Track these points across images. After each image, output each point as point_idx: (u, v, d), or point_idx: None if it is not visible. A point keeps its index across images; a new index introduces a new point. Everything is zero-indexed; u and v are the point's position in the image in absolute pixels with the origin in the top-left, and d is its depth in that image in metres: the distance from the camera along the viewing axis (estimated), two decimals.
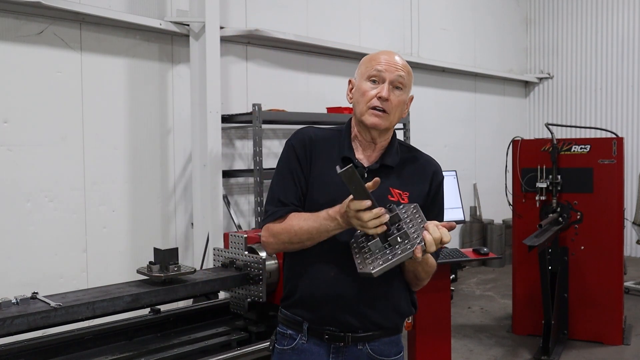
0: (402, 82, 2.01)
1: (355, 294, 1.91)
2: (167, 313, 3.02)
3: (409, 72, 2.04)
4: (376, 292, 1.93)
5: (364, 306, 1.93)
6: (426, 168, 2.08)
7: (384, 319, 1.97)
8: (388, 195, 1.95)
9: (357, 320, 1.93)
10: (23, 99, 4.17)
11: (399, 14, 7.40)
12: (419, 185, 2.02)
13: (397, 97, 2.01)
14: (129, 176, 4.78)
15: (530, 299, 5.25)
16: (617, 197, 5.11)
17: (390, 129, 2.05)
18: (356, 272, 1.78)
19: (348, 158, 1.99)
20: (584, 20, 9.33)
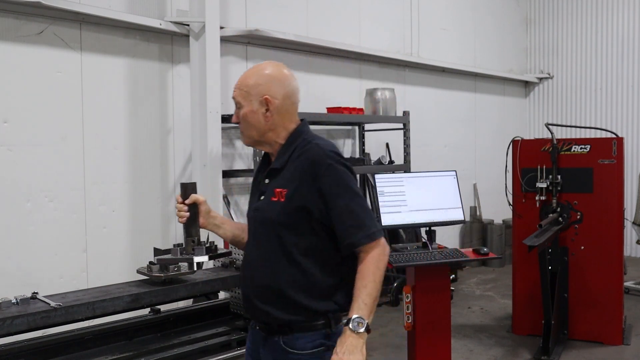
0: (236, 101, 2.17)
1: (253, 291, 2.14)
2: (167, 313, 3.02)
3: (242, 87, 2.16)
4: (273, 289, 2.08)
5: (265, 303, 2.10)
6: (307, 161, 2.10)
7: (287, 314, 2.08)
8: (271, 197, 2.11)
9: (262, 314, 2.13)
10: (23, 99, 4.17)
11: (399, 14, 7.40)
12: (299, 180, 2.07)
13: (239, 115, 2.17)
14: (129, 176, 4.78)
15: (530, 299, 5.25)
16: (617, 197, 5.11)
17: (262, 141, 2.18)
18: (254, 271, 2.14)
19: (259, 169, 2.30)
20: (584, 20, 9.33)
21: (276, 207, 2.08)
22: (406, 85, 7.51)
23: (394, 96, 6.40)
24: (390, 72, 7.32)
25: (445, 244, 5.38)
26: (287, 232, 2.07)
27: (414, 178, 4.16)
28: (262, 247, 2.13)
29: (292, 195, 2.06)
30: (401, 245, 4.19)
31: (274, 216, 2.08)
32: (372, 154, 6.92)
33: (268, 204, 2.11)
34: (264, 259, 2.11)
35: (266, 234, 2.11)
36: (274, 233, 2.09)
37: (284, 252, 2.07)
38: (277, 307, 2.09)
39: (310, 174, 2.06)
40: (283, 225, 2.07)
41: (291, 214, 2.06)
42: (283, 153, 2.14)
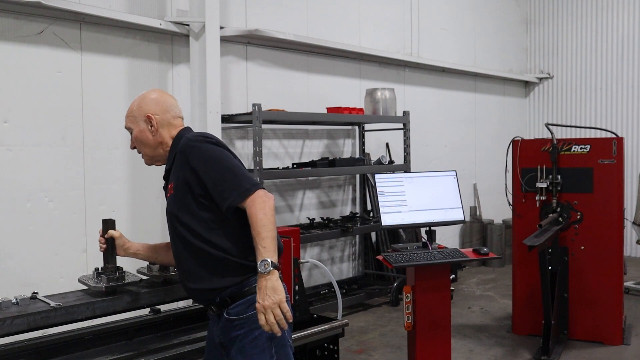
0: (127, 126, 2.51)
1: (182, 277, 2.42)
2: (167, 313, 3.02)
3: (129, 113, 2.49)
4: (192, 270, 2.35)
5: (192, 283, 2.37)
6: (179, 152, 2.37)
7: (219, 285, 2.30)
8: (167, 194, 2.43)
9: (197, 295, 2.42)
10: (23, 99, 4.17)
11: (399, 14, 7.40)
12: (178, 169, 2.36)
13: (133, 139, 2.51)
14: (129, 176, 4.78)
15: (530, 299, 5.25)
16: (617, 197, 5.11)
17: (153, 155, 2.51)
18: (178, 262, 2.42)
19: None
20: (584, 20, 9.33)
21: (171, 200, 2.38)
22: (406, 85, 7.51)
23: (394, 96, 6.40)
24: (390, 72, 7.32)
25: (445, 244, 5.38)
26: (185, 217, 2.31)
27: (414, 178, 4.16)
28: (175, 239, 2.39)
29: (176, 184, 2.35)
30: (401, 245, 4.18)
31: (171, 208, 2.38)
32: (372, 154, 6.92)
33: (167, 200, 2.43)
34: (178, 248, 2.37)
35: (172, 227, 2.38)
36: (176, 223, 2.35)
37: (190, 235, 2.31)
38: (206, 282, 2.31)
39: (183, 160, 2.32)
40: (181, 212, 2.33)
41: (181, 201, 2.33)
42: (169, 156, 2.45)
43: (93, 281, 2.66)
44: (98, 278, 2.67)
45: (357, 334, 5.34)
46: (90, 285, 2.64)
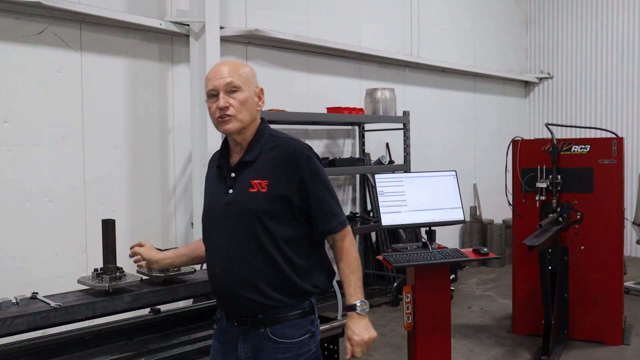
0: (235, 85, 2.19)
1: (237, 284, 2.16)
2: (167, 313, 3.02)
3: (240, 73, 2.22)
4: (254, 279, 2.15)
5: (248, 292, 2.15)
6: (286, 152, 2.21)
7: (275, 301, 2.16)
8: (248, 188, 2.18)
9: (248, 307, 2.17)
10: (23, 99, 4.17)
11: (399, 14, 7.40)
12: (280, 170, 2.18)
13: (236, 99, 2.19)
14: (129, 176, 4.78)
15: (530, 299, 5.25)
16: (617, 197, 5.11)
17: (247, 127, 2.22)
18: (233, 264, 2.16)
19: (219, 166, 2.32)
20: (584, 20, 9.33)
21: (257, 197, 2.16)
22: (406, 85, 7.51)
23: (394, 96, 6.40)
24: (390, 72, 7.32)
25: (445, 244, 5.38)
26: (270, 221, 2.15)
27: (414, 178, 4.16)
28: (241, 239, 2.17)
29: (274, 185, 2.15)
30: (401, 245, 4.18)
31: (255, 206, 2.15)
32: (372, 154, 6.92)
33: (245, 195, 2.17)
34: (245, 250, 2.16)
35: (245, 225, 2.16)
36: (255, 223, 2.15)
37: (266, 240, 2.14)
38: (263, 295, 2.14)
39: (291, 165, 2.17)
40: (267, 214, 2.14)
41: (273, 203, 2.15)
42: (254, 147, 2.23)
43: (94, 282, 2.66)
44: (98, 278, 2.67)
45: None
46: (93, 285, 2.64)
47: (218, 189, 2.27)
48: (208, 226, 2.29)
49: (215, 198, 2.27)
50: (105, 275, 2.65)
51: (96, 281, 2.65)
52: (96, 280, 2.66)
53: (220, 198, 2.24)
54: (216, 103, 2.19)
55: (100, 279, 2.65)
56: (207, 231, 2.30)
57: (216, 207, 2.25)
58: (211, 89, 2.20)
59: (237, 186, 2.20)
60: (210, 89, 2.21)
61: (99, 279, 2.65)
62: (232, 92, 2.18)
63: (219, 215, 2.23)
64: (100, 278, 2.65)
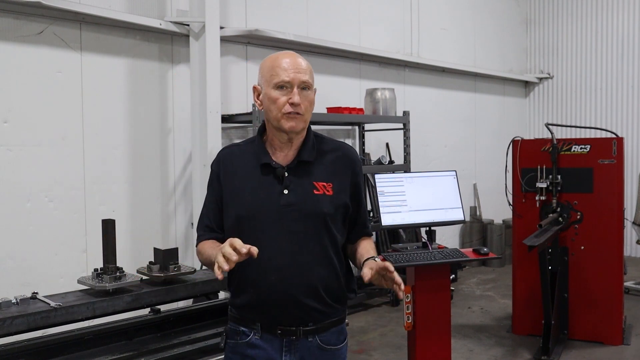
0: (309, 83, 2.06)
1: (300, 292, 2.02)
2: (167, 313, 3.02)
3: (311, 71, 2.09)
4: (317, 285, 2.04)
5: (309, 300, 2.03)
6: (345, 157, 2.16)
7: (330, 308, 2.09)
8: (313, 190, 2.05)
9: (306, 315, 2.05)
10: (23, 99, 4.17)
11: (399, 14, 7.40)
12: (341, 174, 2.12)
13: (307, 98, 2.05)
14: (129, 176, 4.78)
15: (530, 299, 5.25)
16: (617, 197, 5.11)
17: (306, 125, 2.10)
18: (294, 271, 2.01)
19: (267, 164, 2.07)
20: (584, 20, 9.33)
21: (324, 200, 2.06)
22: (406, 85, 7.51)
23: (394, 96, 6.40)
24: (390, 72, 7.32)
25: (445, 244, 5.38)
26: (333, 225, 2.07)
27: (414, 178, 4.16)
28: (306, 243, 2.03)
29: (338, 188, 2.09)
30: (401, 245, 4.18)
31: (325, 209, 2.05)
32: (372, 154, 6.92)
33: (311, 197, 2.05)
34: (310, 255, 2.04)
35: (312, 229, 2.04)
36: (321, 227, 2.05)
37: (329, 245, 2.07)
38: (322, 303, 2.07)
39: (350, 170, 2.14)
40: (331, 218, 2.06)
41: (337, 206, 2.08)
42: (309, 146, 2.11)
43: (94, 282, 2.66)
44: (98, 278, 2.67)
45: (357, 334, 5.34)
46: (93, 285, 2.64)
47: (264, 189, 2.06)
48: (255, 230, 2.04)
49: (262, 199, 2.05)
50: (105, 275, 2.65)
51: (96, 281, 2.65)
52: (96, 280, 2.66)
53: (271, 199, 2.04)
54: (287, 96, 2.01)
55: (100, 279, 2.65)
56: (252, 235, 2.00)
57: (268, 209, 2.04)
58: (287, 81, 2.02)
59: (297, 187, 2.05)
60: (286, 80, 2.02)
61: (99, 279, 2.66)
62: (303, 90, 2.04)
63: (273, 218, 2.04)
64: (100, 278, 2.65)
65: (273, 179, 2.06)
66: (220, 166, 2.16)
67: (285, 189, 2.04)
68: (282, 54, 2.08)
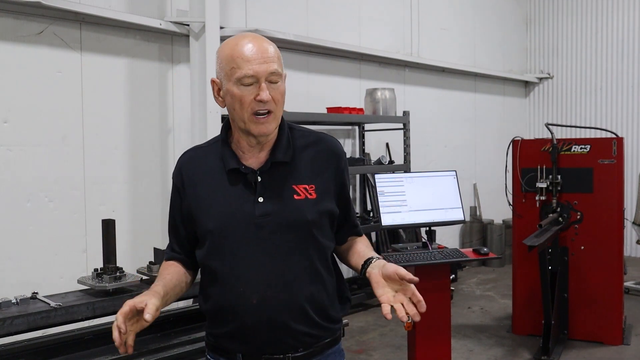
0: (278, 73, 1.72)
1: (286, 315, 1.74)
2: (167, 313, 3.02)
3: (279, 56, 1.75)
4: (305, 306, 1.77)
5: (298, 324, 1.76)
6: (327, 150, 1.84)
7: (322, 330, 1.83)
8: (293, 195, 1.75)
9: (294, 340, 1.77)
10: (23, 99, 4.17)
11: (399, 14, 7.40)
12: (324, 172, 1.81)
13: (277, 90, 1.72)
14: (129, 176, 4.78)
15: (530, 299, 5.25)
16: (617, 197, 5.11)
17: (278, 121, 1.77)
18: (279, 291, 1.72)
19: (235, 169, 1.77)
20: (584, 20, 9.33)
21: (307, 205, 1.76)
22: (406, 85, 7.51)
23: (394, 96, 6.40)
24: (390, 72, 7.32)
25: (445, 244, 5.38)
26: (319, 233, 1.78)
27: (414, 178, 4.16)
28: (290, 258, 1.75)
29: (323, 190, 1.79)
30: (401, 245, 4.19)
31: (308, 216, 1.75)
32: (372, 154, 6.92)
33: (291, 203, 1.75)
34: (296, 271, 1.75)
35: (295, 241, 1.75)
36: (306, 237, 1.76)
37: (316, 257, 1.79)
38: (313, 325, 1.79)
39: (334, 165, 1.84)
40: (317, 226, 1.78)
41: (323, 213, 1.79)
42: (283, 143, 1.79)
43: (94, 282, 2.66)
44: (98, 278, 2.67)
45: (357, 334, 5.35)
46: (93, 285, 2.64)
47: (235, 199, 1.76)
48: (228, 247, 1.75)
49: (234, 210, 1.75)
50: (105, 275, 2.65)
51: (96, 281, 2.65)
52: (96, 280, 2.66)
53: (244, 210, 1.74)
54: (254, 93, 1.68)
55: (100, 279, 2.65)
56: (226, 253, 1.76)
57: (241, 222, 1.74)
58: (251, 75, 1.67)
59: (273, 193, 1.75)
60: (250, 74, 1.67)
61: (99, 279, 2.65)
62: (272, 83, 1.71)
63: (248, 232, 1.74)
64: (100, 278, 2.65)
65: (244, 186, 1.76)
66: (181, 177, 1.88)
67: (260, 197, 1.74)
68: (242, 39, 1.72)
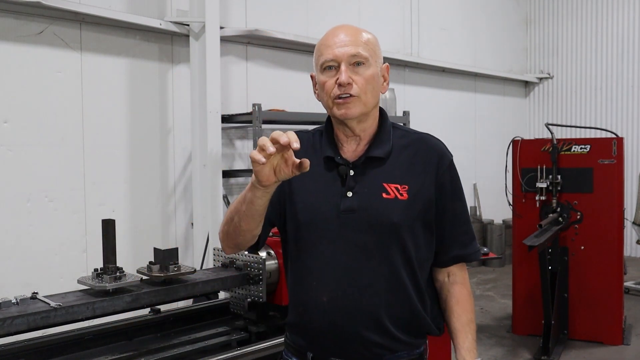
0: (361, 56, 1.68)
1: (356, 320, 1.65)
2: (167, 313, 3.02)
3: (367, 41, 1.72)
4: (379, 314, 1.65)
5: (369, 331, 1.65)
6: (429, 150, 1.74)
7: (398, 343, 1.69)
8: (382, 193, 1.66)
9: (363, 349, 1.66)
10: (23, 99, 4.17)
11: (399, 14, 7.40)
12: (422, 174, 1.70)
13: (362, 75, 1.68)
14: (129, 176, 4.78)
15: (530, 299, 5.25)
16: (617, 197, 5.11)
17: (369, 114, 1.72)
18: (354, 293, 1.64)
19: (330, 157, 1.72)
20: (584, 20, 9.33)
21: (396, 206, 1.65)
22: (406, 85, 7.51)
23: (394, 96, 6.40)
24: (390, 72, 7.28)
25: None
26: (409, 238, 1.66)
27: None
28: (369, 260, 1.65)
29: (416, 191, 1.67)
30: None
31: (395, 218, 1.64)
32: None
33: (379, 201, 1.65)
34: (373, 275, 1.65)
35: (377, 242, 1.65)
36: (391, 240, 1.65)
37: (401, 263, 1.66)
38: (388, 336, 1.67)
39: (433, 167, 1.71)
40: (407, 229, 1.66)
41: (415, 214, 1.67)
42: (382, 139, 1.72)
43: (94, 282, 2.66)
44: (98, 278, 2.67)
45: None
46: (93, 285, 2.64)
47: (324, 190, 1.69)
48: (309, 239, 1.68)
49: (321, 202, 1.68)
50: (105, 275, 2.65)
51: (96, 281, 2.65)
52: (96, 280, 2.66)
53: (330, 203, 1.67)
54: (335, 77, 1.66)
55: (100, 279, 2.65)
56: (306, 246, 1.68)
57: (325, 214, 1.67)
58: (331, 59, 1.66)
59: (362, 189, 1.66)
60: (330, 58, 1.66)
61: (99, 279, 2.65)
62: (356, 66, 1.67)
63: (330, 225, 1.66)
64: (100, 278, 2.65)
65: (336, 177, 1.69)
66: None
67: (349, 191, 1.66)
68: (333, 29, 1.73)
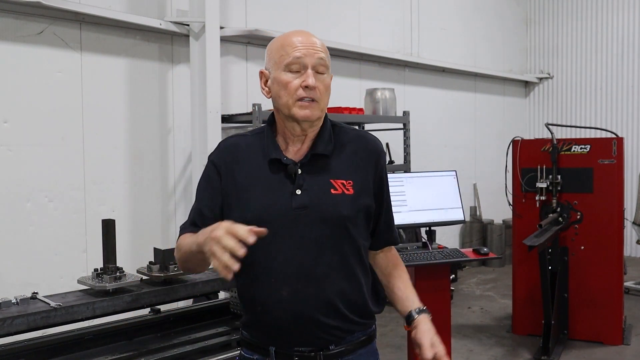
0: (325, 65, 1.77)
1: (316, 309, 1.75)
2: (167, 313, 3.02)
3: (326, 51, 1.81)
4: (336, 300, 1.78)
5: (328, 318, 1.77)
6: (368, 148, 1.86)
7: (354, 324, 1.85)
8: (330, 189, 1.76)
9: (324, 334, 1.79)
10: (23, 99, 4.17)
11: (399, 14, 7.40)
12: (364, 170, 1.83)
13: (323, 82, 1.77)
14: (129, 176, 4.78)
15: (530, 299, 5.25)
16: (617, 197, 5.11)
17: (322, 113, 1.81)
18: (312, 284, 1.74)
19: (277, 159, 1.79)
20: (584, 20, 9.33)
21: (343, 200, 1.76)
22: (406, 85, 7.51)
23: (394, 96, 6.40)
24: (390, 72, 7.32)
25: (445, 244, 5.38)
26: (355, 230, 1.80)
27: (414, 178, 4.16)
28: (323, 252, 1.76)
29: (360, 186, 1.80)
30: (401, 245, 4.19)
31: (344, 212, 1.76)
32: None
33: (327, 197, 1.76)
34: (328, 266, 1.76)
35: (329, 236, 1.76)
36: (341, 232, 1.77)
37: (350, 253, 1.80)
38: (344, 320, 1.81)
39: (373, 163, 1.85)
40: (353, 222, 1.78)
41: (359, 210, 1.80)
42: (325, 137, 1.82)
43: (94, 282, 2.66)
44: (98, 278, 2.67)
45: None
46: (93, 285, 2.64)
47: (274, 190, 1.78)
48: (262, 238, 1.67)
49: (271, 201, 1.77)
50: (105, 275, 2.65)
51: (96, 281, 2.65)
52: (96, 280, 2.66)
53: (281, 201, 1.76)
54: (301, 79, 1.73)
55: (100, 279, 2.65)
56: (260, 245, 1.66)
57: (277, 213, 1.75)
58: (298, 57, 1.74)
59: (311, 186, 1.76)
60: (298, 56, 1.74)
61: (99, 279, 2.65)
62: (318, 73, 1.76)
63: (283, 223, 1.75)
64: (100, 278, 2.65)
65: (284, 177, 1.78)
66: (223, 159, 1.84)
67: (298, 189, 1.76)
68: (293, 32, 1.80)
